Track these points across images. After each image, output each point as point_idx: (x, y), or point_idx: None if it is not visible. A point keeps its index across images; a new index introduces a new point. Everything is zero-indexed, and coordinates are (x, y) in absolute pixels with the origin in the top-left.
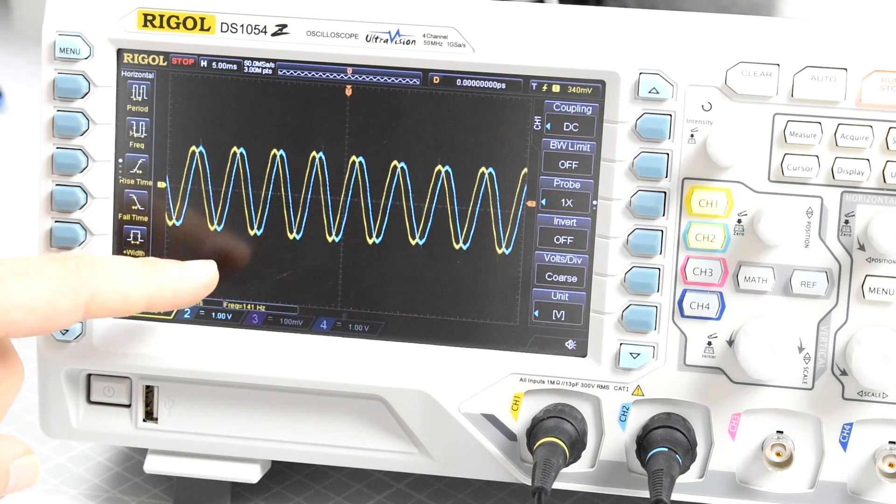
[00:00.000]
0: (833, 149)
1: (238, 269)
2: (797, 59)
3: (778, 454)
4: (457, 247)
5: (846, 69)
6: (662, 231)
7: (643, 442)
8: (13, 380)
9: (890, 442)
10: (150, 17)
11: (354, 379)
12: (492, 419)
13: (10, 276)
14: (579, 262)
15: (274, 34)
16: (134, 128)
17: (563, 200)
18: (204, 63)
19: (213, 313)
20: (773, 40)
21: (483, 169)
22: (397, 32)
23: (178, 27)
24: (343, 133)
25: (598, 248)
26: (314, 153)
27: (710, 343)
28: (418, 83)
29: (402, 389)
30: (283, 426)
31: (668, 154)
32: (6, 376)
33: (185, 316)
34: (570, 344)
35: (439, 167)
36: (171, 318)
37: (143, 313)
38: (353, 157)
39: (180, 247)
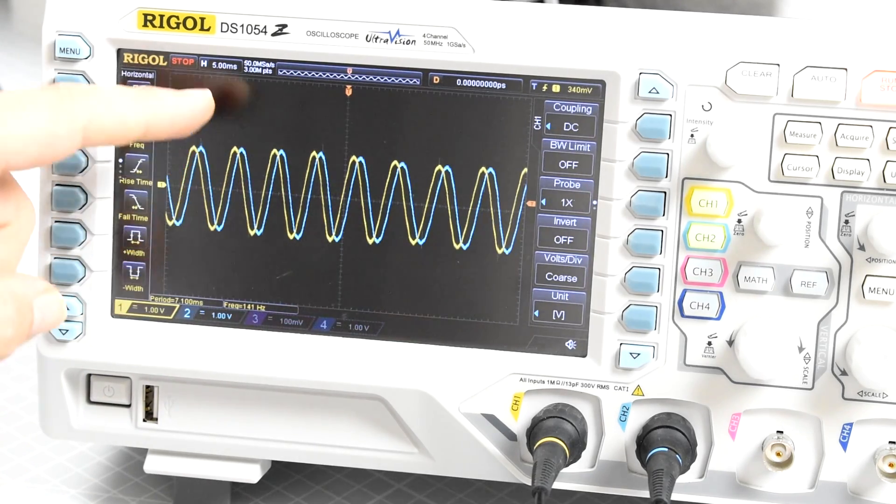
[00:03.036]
0: (833, 149)
1: (238, 269)
2: (797, 59)
3: (778, 454)
4: (457, 247)
5: (846, 69)
6: (662, 231)
7: (643, 442)
8: (24, 218)
9: (890, 442)
10: (150, 17)
11: (354, 379)
12: (492, 419)
13: (4, 108)
14: (579, 262)
15: (274, 34)
16: None
17: (563, 200)
18: (204, 63)
19: (213, 313)
20: (773, 40)
21: (483, 169)
22: (397, 32)
23: (178, 27)
24: (343, 133)
25: (598, 248)
26: (314, 153)
27: (710, 343)
28: (418, 83)
29: (402, 389)
30: (283, 426)
31: (668, 154)
32: (16, 215)
33: (186, 316)
34: (570, 344)
35: (439, 167)
36: (171, 318)
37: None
38: (353, 157)
39: (180, 247)
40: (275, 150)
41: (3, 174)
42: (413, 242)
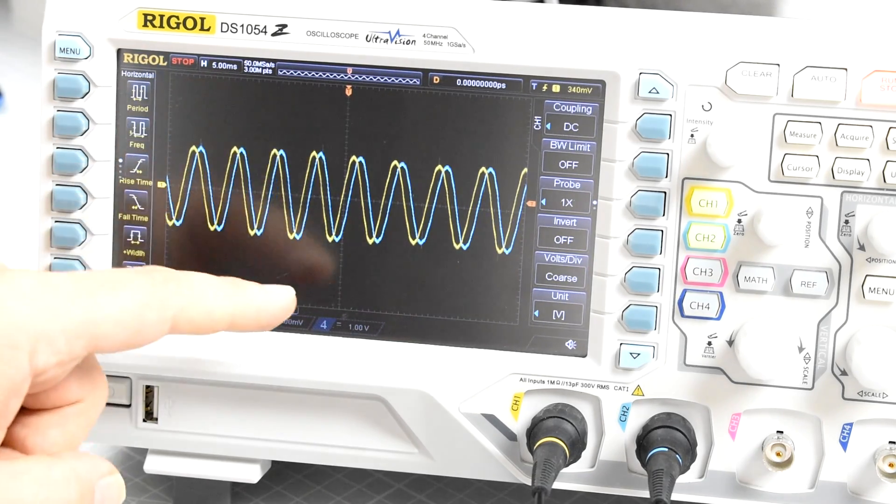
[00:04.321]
0: (833, 149)
1: (239, 270)
2: (797, 59)
3: (778, 454)
4: (457, 247)
5: (846, 69)
6: (662, 231)
7: (643, 442)
8: (97, 397)
9: (890, 442)
10: (150, 17)
11: (354, 379)
12: (492, 419)
13: (99, 289)
14: (579, 262)
15: (274, 34)
16: (134, 128)
17: (563, 200)
18: (204, 63)
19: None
20: (773, 40)
21: (483, 169)
22: (397, 32)
23: (178, 27)
24: (343, 133)
25: (598, 248)
26: (314, 153)
27: (710, 343)
28: (418, 83)
29: (402, 389)
30: (283, 426)
31: (668, 154)
32: (91, 393)
33: None
34: (570, 344)
35: (439, 167)
36: None
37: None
38: (353, 157)
39: (180, 247)
40: (275, 150)
41: (89, 356)
42: (413, 242)
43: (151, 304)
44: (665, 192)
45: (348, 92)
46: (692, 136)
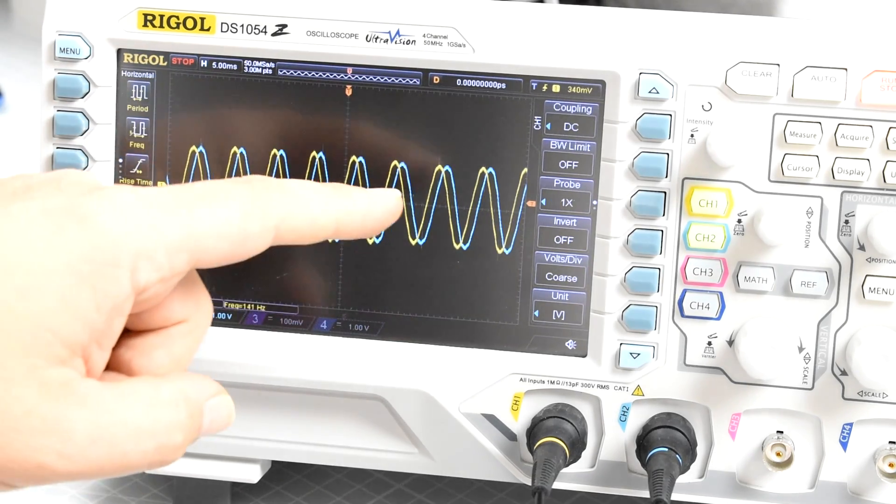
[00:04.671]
0: (833, 149)
1: (238, 269)
2: (797, 59)
3: (778, 454)
4: (457, 247)
5: (846, 69)
6: (662, 231)
7: (643, 442)
8: (202, 316)
9: (890, 442)
10: (150, 17)
11: (354, 379)
12: (492, 419)
13: (198, 201)
14: (579, 262)
15: (274, 34)
16: (134, 128)
17: (563, 200)
18: (204, 63)
19: (214, 313)
20: (773, 40)
21: (483, 169)
22: (397, 32)
23: (178, 27)
24: (343, 133)
25: (598, 248)
26: (314, 153)
27: (710, 343)
28: (418, 83)
29: (402, 389)
30: (283, 426)
31: (668, 154)
32: (196, 311)
33: None
34: (570, 344)
35: (439, 167)
36: None
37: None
38: (353, 157)
39: None
40: (275, 150)
41: (190, 273)
42: (413, 242)
43: (253, 214)
44: (665, 192)
45: (348, 92)
46: (692, 136)
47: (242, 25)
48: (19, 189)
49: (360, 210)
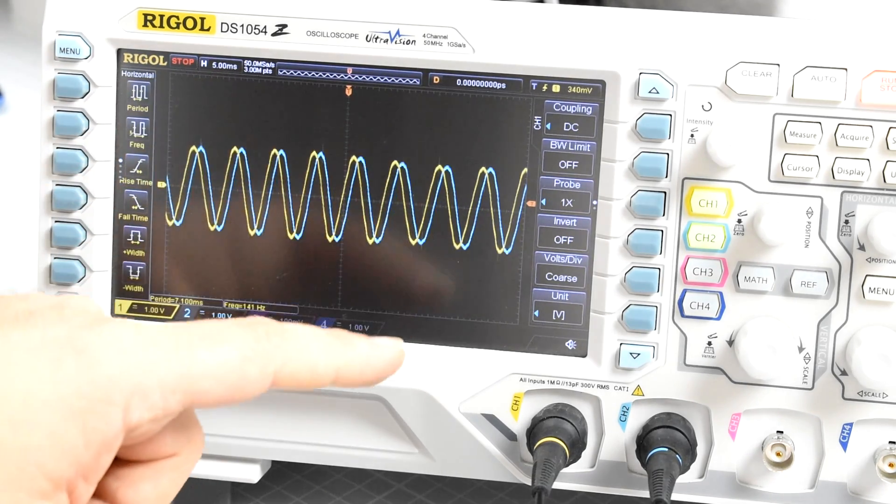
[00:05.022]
0: (833, 149)
1: (238, 269)
2: (797, 59)
3: (778, 454)
4: (457, 247)
5: (846, 69)
6: (662, 231)
7: (643, 442)
8: (193, 451)
9: (890, 442)
10: (150, 17)
11: None
12: (492, 419)
13: (198, 343)
14: (579, 262)
15: (274, 34)
16: (134, 128)
17: (563, 200)
18: (204, 63)
19: (214, 313)
20: (773, 40)
21: (483, 169)
22: (397, 32)
23: (178, 27)
24: (343, 133)
25: (598, 248)
26: (314, 153)
27: (710, 343)
28: (418, 83)
29: (402, 389)
30: (283, 426)
31: (668, 154)
32: (186, 446)
33: (186, 316)
34: (570, 344)
35: (439, 167)
36: (171, 318)
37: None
38: (353, 157)
39: (180, 247)
40: (275, 150)
41: (186, 410)
42: (413, 242)
43: (253, 359)
44: (665, 192)
45: (348, 92)
46: (692, 136)
47: (242, 25)
48: (21, 314)
49: (360, 360)
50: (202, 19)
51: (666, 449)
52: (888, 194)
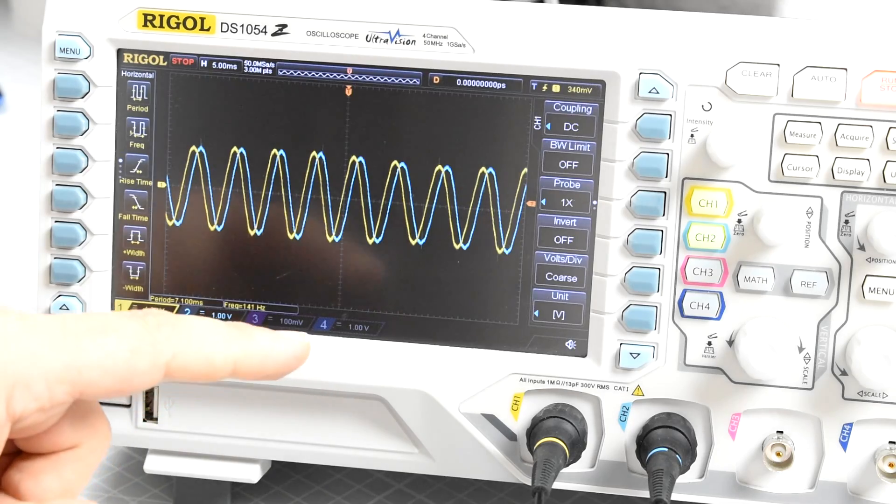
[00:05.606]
0: (833, 149)
1: (238, 269)
2: (797, 59)
3: (778, 454)
4: (457, 247)
5: (846, 69)
6: (662, 231)
7: (643, 442)
8: (97, 443)
9: (890, 442)
10: (150, 17)
11: (354, 379)
12: (492, 419)
13: (85, 334)
14: (579, 262)
15: (274, 34)
16: (134, 128)
17: (563, 200)
18: (204, 63)
19: (213, 313)
20: (773, 40)
21: (483, 169)
22: (397, 32)
23: (178, 27)
24: (343, 133)
25: (598, 248)
26: (314, 153)
27: (710, 343)
28: (418, 83)
29: (402, 389)
30: (283, 426)
31: (668, 154)
32: (89, 438)
33: None
34: (570, 344)
35: (439, 167)
36: None
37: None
38: (353, 157)
39: (180, 247)
40: (275, 150)
41: (82, 400)
42: (413, 242)
43: (142, 350)
44: (665, 192)
45: (348, 92)
46: (692, 136)
47: (242, 25)
48: None
49: (260, 352)
50: (202, 19)
51: (666, 449)
52: (888, 194)
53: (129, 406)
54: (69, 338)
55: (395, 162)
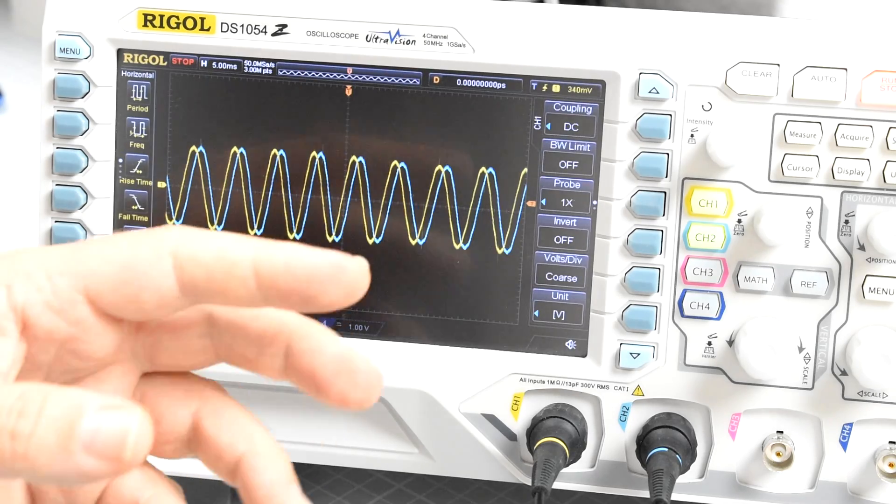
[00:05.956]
0: (833, 149)
1: None
2: (797, 59)
3: (778, 454)
4: (457, 247)
5: (846, 69)
6: (662, 231)
7: (643, 442)
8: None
9: (890, 442)
10: (150, 17)
11: None
12: (492, 419)
13: (88, 241)
14: (579, 262)
15: (274, 34)
16: (134, 128)
17: (563, 200)
18: (204, 63)
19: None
20: (773, 40)
21: (483, 169)
22: (397, 32)
23: (178, 27)
24: (343, 133)
25: (598, 248)
26: (314, 153)
27: (710, 343)
28: (418, 83)
29: (402, 389)
30: (283, 426)
31: (668, 154)
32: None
33: None
34: (570, 344)
35: (439, 167)
36: None
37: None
38: (353, 157)
39: None
40: (275, 150)
41: (100, 311)
42: (413, 242)
43: (142, 239)
44: (665, 192)
45: (348, 92)
46: (692, 136)
47: (242, 25)
48: None
49: (282, 250)
50: (202, 19)
51: (666, 449)
52: (888, 194)
53: None
54: (70, 244)
55: (395, 162)
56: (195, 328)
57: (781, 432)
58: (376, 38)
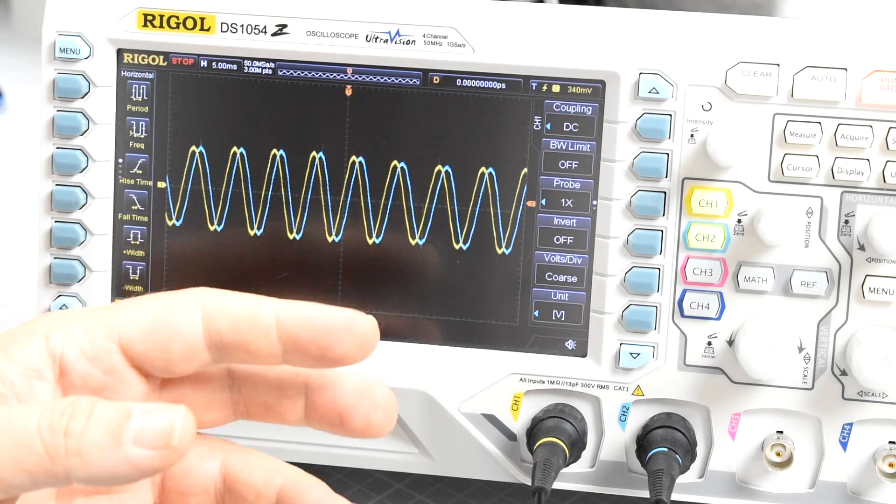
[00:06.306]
0: (833, 149)
1: (239, 270)
2: (797, 59)
3: (778, 454)
4: (457, 247)
5: (846, 69)
6: (662, 231)
7: (643, 442)
8: None
9: (890, 442)
10: (150, 17)
11: None
12: (492, 419)
13: (124, 300)
14: (579, 262)
15: (274, 34)
16: (134, 128)
17: (563, 200)
18: (204, 63)
19: None
20: (773, 40)
21: (483, 169)
22: (397, 32)
23: (178, 27)
24: (343, 133)
25: (598, 248)
26: (314, 153)
27: (710, 343)
28: (418, 83)
29: (402, 389)
30: (282, 426)
31: (668, 154)
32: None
33: None
34: (570, 344)
35: (439, 167)
36: None
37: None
38: (353, 157)
39: (180, 247)
40: (275, 150)
41: (123, 354)
42: (413, 242)
43: (173, 294)
44: (665, 192)
45: (348, 92)
46: (692, 136)
47: (242, 25)
48: None
49: (300, 305)
50: (202, 19)
51: (666, 449)
52: (888, 194)
53: None
54: (106, 304)
55: (395, 162)
56: (216, 381)
57: (781, 432)
58: (376, 38)
